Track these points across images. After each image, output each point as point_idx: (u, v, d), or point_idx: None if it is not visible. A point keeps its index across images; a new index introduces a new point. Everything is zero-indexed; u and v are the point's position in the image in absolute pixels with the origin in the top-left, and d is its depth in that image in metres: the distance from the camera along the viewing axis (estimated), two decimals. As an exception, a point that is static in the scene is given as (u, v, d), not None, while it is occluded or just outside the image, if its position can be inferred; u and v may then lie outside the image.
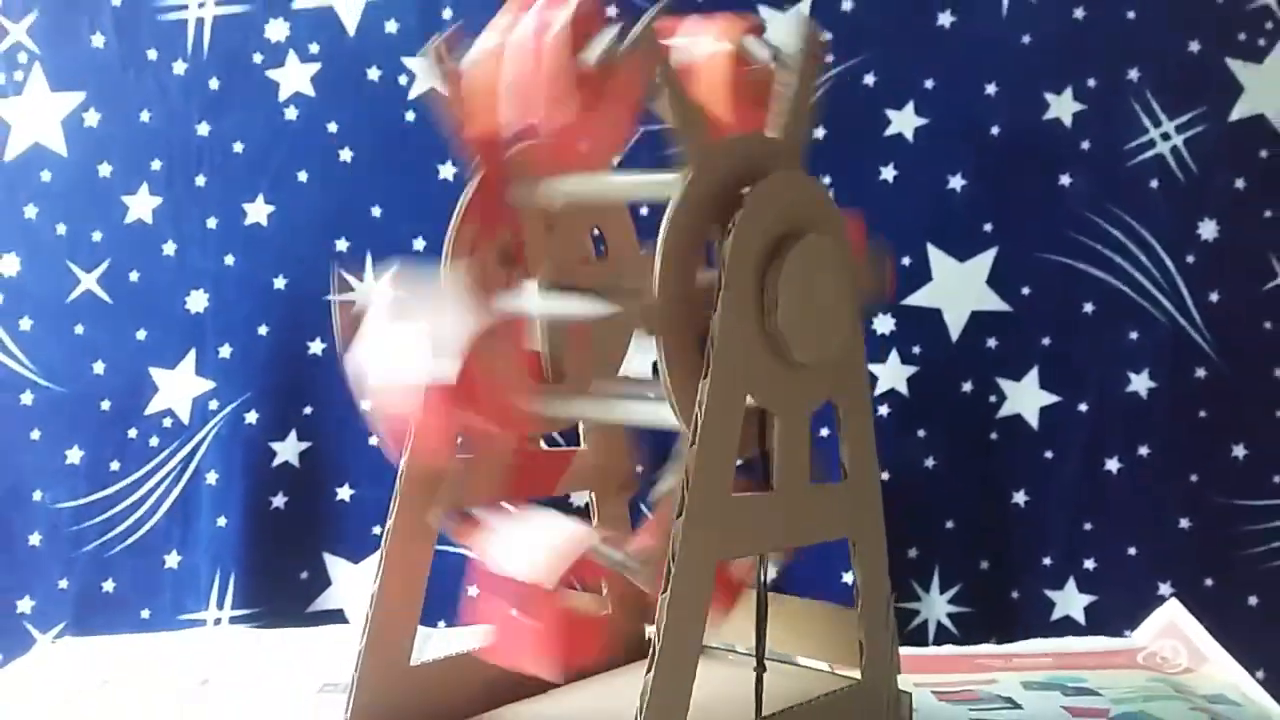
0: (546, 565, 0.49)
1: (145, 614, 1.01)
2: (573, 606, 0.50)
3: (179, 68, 1.01)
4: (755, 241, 0.50)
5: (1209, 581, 0.99)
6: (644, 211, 0.77)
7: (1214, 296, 1.00)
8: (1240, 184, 1.00)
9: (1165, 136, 1.00)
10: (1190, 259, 1.00)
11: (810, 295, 0.51)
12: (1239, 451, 1.00)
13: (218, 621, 1.00)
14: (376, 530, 1.01)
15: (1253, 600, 0.99)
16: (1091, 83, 1.00)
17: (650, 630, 0.47)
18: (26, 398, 1.01)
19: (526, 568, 0.50)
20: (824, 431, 0.64)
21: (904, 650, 0.74)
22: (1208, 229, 1.00)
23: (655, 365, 0.50)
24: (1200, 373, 1.00)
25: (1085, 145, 1.00)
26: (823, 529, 0.56)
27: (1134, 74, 1.00)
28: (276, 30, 1.01)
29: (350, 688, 0.55)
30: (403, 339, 0.51)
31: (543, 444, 0.68)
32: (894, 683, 0.60)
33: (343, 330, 0.54)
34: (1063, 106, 1.00)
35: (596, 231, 0.64)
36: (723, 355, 0.48)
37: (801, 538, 0.55)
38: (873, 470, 0.58)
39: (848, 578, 0.64)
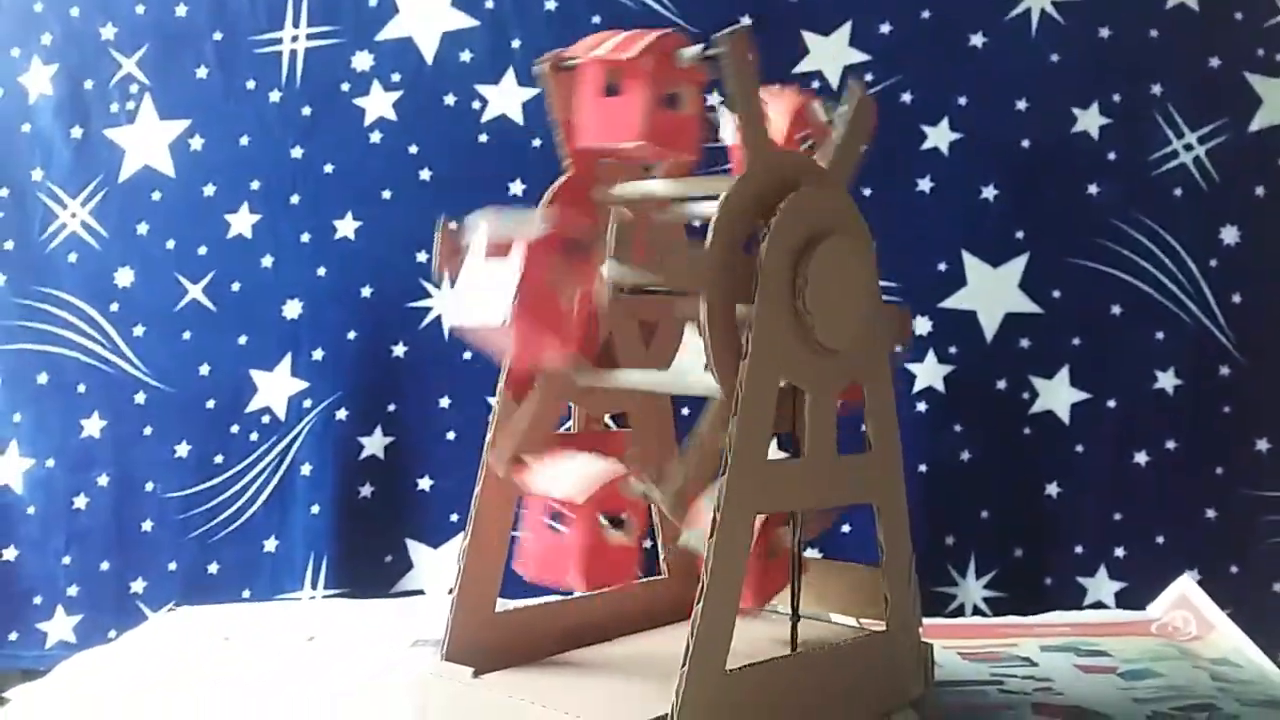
0: (578, 486, 0.57)
1: (246, 594, 1.09)
2: (601, 529, 0.58)
3: (274, 96, 1.10)
4: (790, 241, 0.58)
5: (1234, 569, 1.03)
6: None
7: (1236, 298, 1.04)
8: (1260, 191, 1.04)
9: (1188, 147, 1.04)
10: (1213, 263, 1.04)
11: (834, 288, 0.59)
12: (1262, 445, 1.04)
13: (312, 599, 1.07)
14: (454, 517, 1.08)
15: (1277, 586, 1.03)
16: (1117, 97, 1.04)
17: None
18: (140, 398, 1.10)
19: (561, 489, 0.57)
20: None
21: (934, 620, 0.80)
22: (1230, 234, 1.04)
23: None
24: (1224, 370, 1.04)
25: (1112, 156, 1.05)
26: (849, 493, 0.63)
27: (1157, 89, 1.04)
28: (362, 61, 1.09)
29: (446, 630, 0.63)
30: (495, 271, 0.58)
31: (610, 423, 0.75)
32: (916, 632, 0.67)
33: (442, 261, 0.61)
34: (1090, 120, 1.05)
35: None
36: (760, 340, 0.56)
37: (829, 500, 0.63)
38: (894, 442, 0.65)
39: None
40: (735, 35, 0.56)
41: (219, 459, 1.10)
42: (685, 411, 0.96)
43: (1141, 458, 1.04)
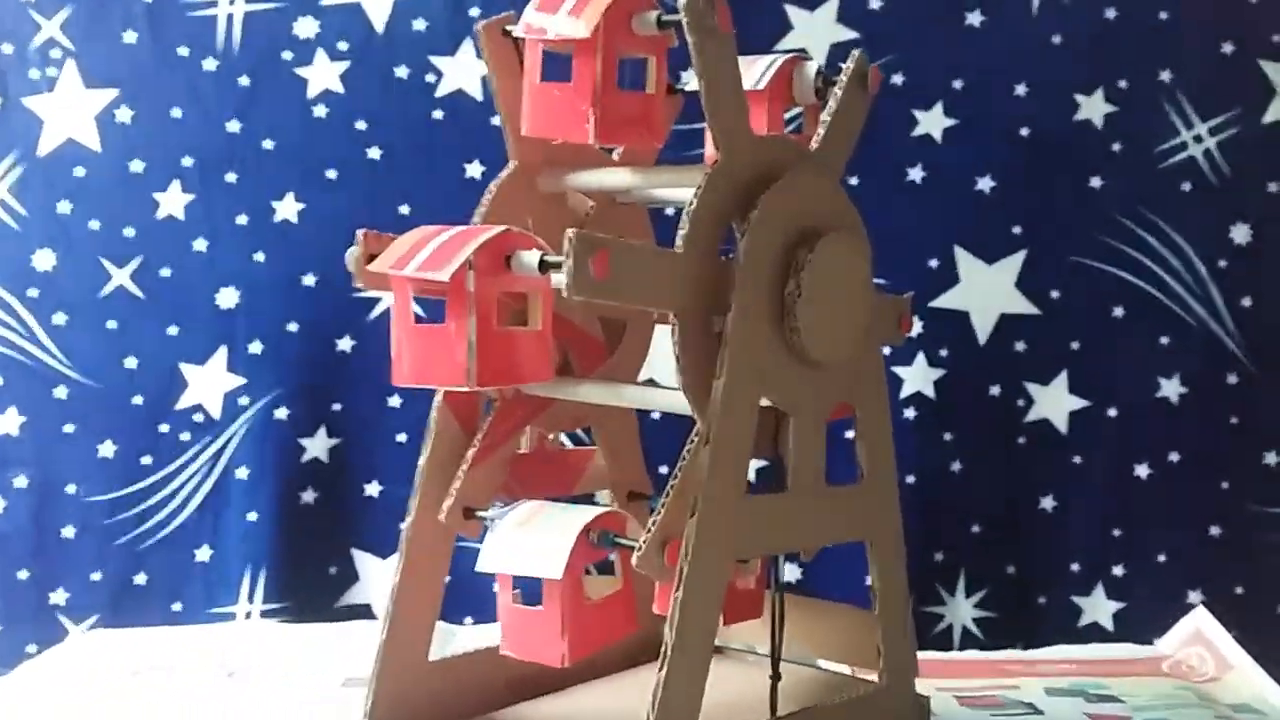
0: (550, 560, 0.50)
1: (177, 607, 1.02)
2: (584, 592, 0.50)
3: (210, 64, 1.02)
4: (773, 239, 0.50)
5: (1239, 589, 0.99)
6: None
7: (1246, 301, 0.99)
8: (1273, 187, 0.99)
9: (1198, 139, 0.99)
10: (1222, 263, 0.99)
11: (828, 293, 0.51)
12: (1271, 458, 0.99)
13: (248, 615, 1.01)
14: (404, 527, 1.01)
15: None
16: (1123, 84, 0.99)
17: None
18: (60, 392, 1.02)
19: (530, 565, 0.50)
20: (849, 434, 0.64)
21: (927, 655, 0.74)
22: (1240, 233, 0.99)
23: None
24: (1232, 378, 0.99)
25: (1116, 147, 0.99)
26: (838, 530, 0.56)
27: (1166, 75, 0.99)
28: (306, 27, 1.01)
29: (370, 683, 0.55)
30: None
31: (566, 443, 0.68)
32: (912, 687, 0.60)
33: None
34: (1093, 108, 0.99)
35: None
36: (738, 355, 0.49)
37: (816, 539, 0.55)
38: (890, 471, 0.58)
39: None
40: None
41: (147, 460, 1.03)
42: (655, 415, 0.90)
43: (1143, 470, 1.00)
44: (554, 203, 0.58)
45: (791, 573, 0.96)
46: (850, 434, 0.58)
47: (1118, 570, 0.99)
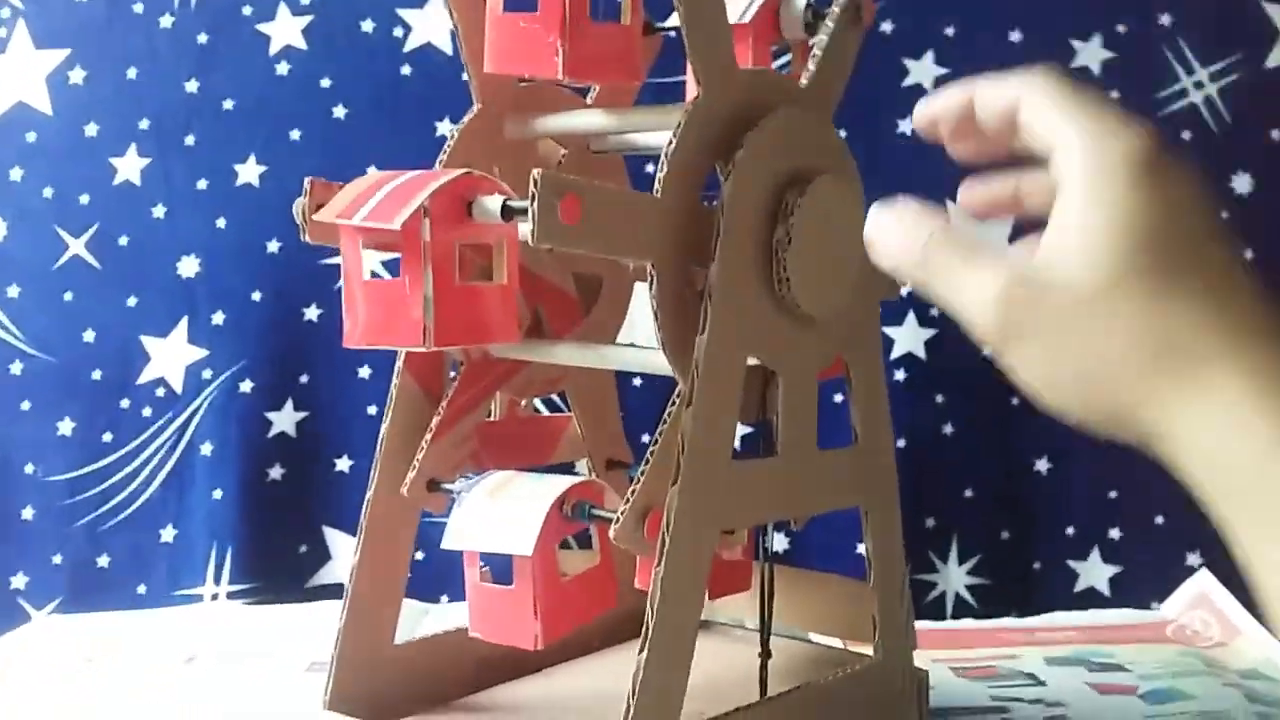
0: (520, 535, 0.46)
1: (141, 589, 0.99)
2: (558, 568, 0.47)
3: (166, 21, 0.98)
4: (759, 182, 0.46)
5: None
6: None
7: (1249, 253, 0.95)
8: (1277, 134, 0.96)
9: (1198, 85, 0.96)
10: (1225, 214, 0.95)
11: (820, 241, 0.47)
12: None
13: (214, 596, 0.97)
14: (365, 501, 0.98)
15: None
16: (1121, 29, 0.95)
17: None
18: (15, 368, 0.99)
19: (498, 540, 0.46)
20: (837, 398, 0.61)
21: (922, 624, 0.70)
22: (1242, 182, 0.96)
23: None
24: (1235, 334, 0.95)
25: (1115, 94, 0.95)
26: (832, 497, 0.52)
27: (1165, 19, 0.95)
28: (267, -19, 0.97)
29: (330, 668, 0.51)
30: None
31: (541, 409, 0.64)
32: (910, 660, 0.56)
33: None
34: (1091, 54, 0.95)
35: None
36: (722, 309, 0.45)
37: (808, 507, 0.51)
38: (886, 434, 0.54)
39: (863, 548, 0.61)
40: None
41: (108, 437, 0.99)
42: (636, 381, 0.86)
43: None
44: (523, 150, 0.54)
45: (779, 542, 0.93)
46: (839, 397, 0.55)
47: (1114, 533, 0.96)
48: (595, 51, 0.46)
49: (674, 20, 0.48)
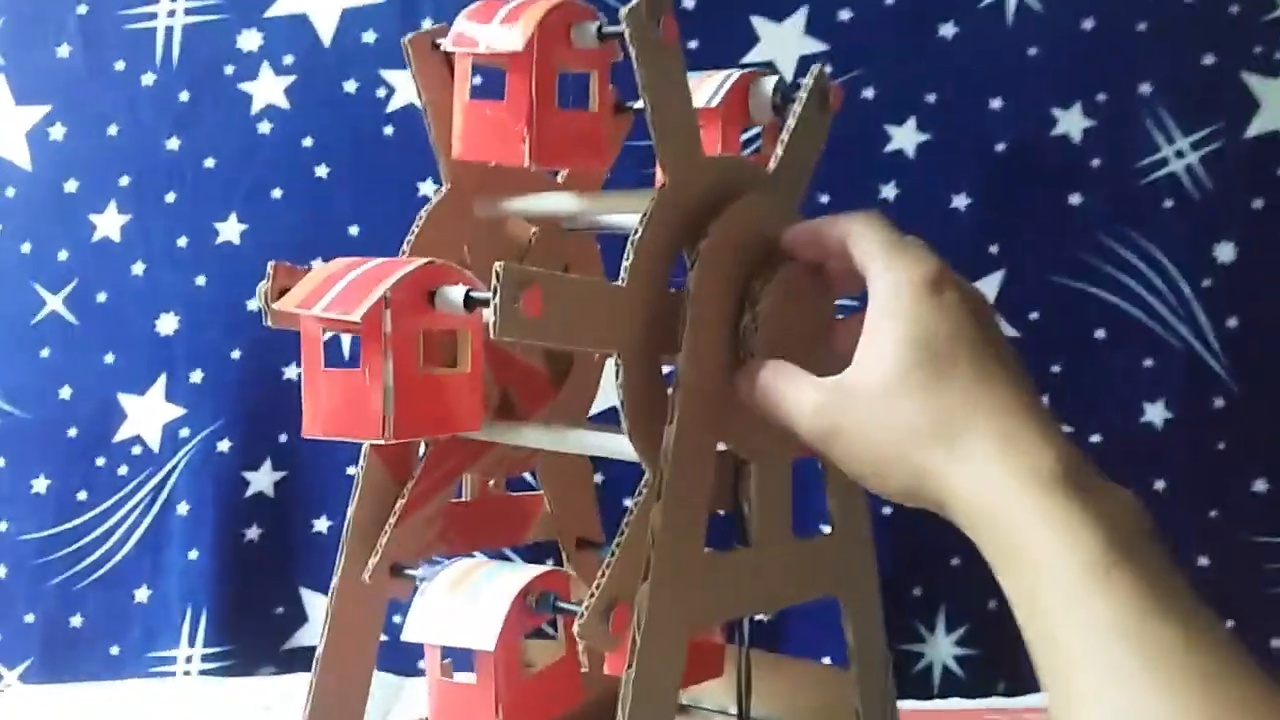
0: (482, 631, 0.45)
1: (114, 650, 0.97)
2: (522, 662, 0.46)
3: (147, 79, 0.98)
4: (725, 270, 0.46)
5: (1230, 623, 0.94)
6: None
7: (1232, 322, 0.95)
8: (1259, 204, 0.95)
9: (1179, 154, 0.95)
10: (1207, 282, 0.95)
11: (787, 327, 0.47)
12: (1260, 485, 0.95)
13: (189, 659, 0.96)
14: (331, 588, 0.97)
15: (1277, 642, 0.95)
16: (1101, 97, 0.95)
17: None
18: (-10, 424, 0.98)
19: (461, 635, 0.45)
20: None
21: (907, 704, 0.70)
22: (1225, 251, 0.95)
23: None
24: (1218, 402, 0.95)
25: (1096, 163, 0.95)
26: (807, 588, 0.52)
27: (1146, 88, 0.95)
28: (249, 40, 0.97)
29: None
30: None
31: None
32: (889, 751, 0.55)
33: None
34: (1071, 122, 0.95)
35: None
36: (690, 399, 0.44)
37: (783, 599, 0.51)
38: (864, 519, 0.53)
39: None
40: (642, 4, 0.44)
41: (82, 496, 0.98)
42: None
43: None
44: (492, 230, 0.54)
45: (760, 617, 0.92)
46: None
47: (1102, 602, 0.96)
48: (562, 138, 0.46)
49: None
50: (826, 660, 0.85)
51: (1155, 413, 0.95)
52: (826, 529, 0.53)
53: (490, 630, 0.44)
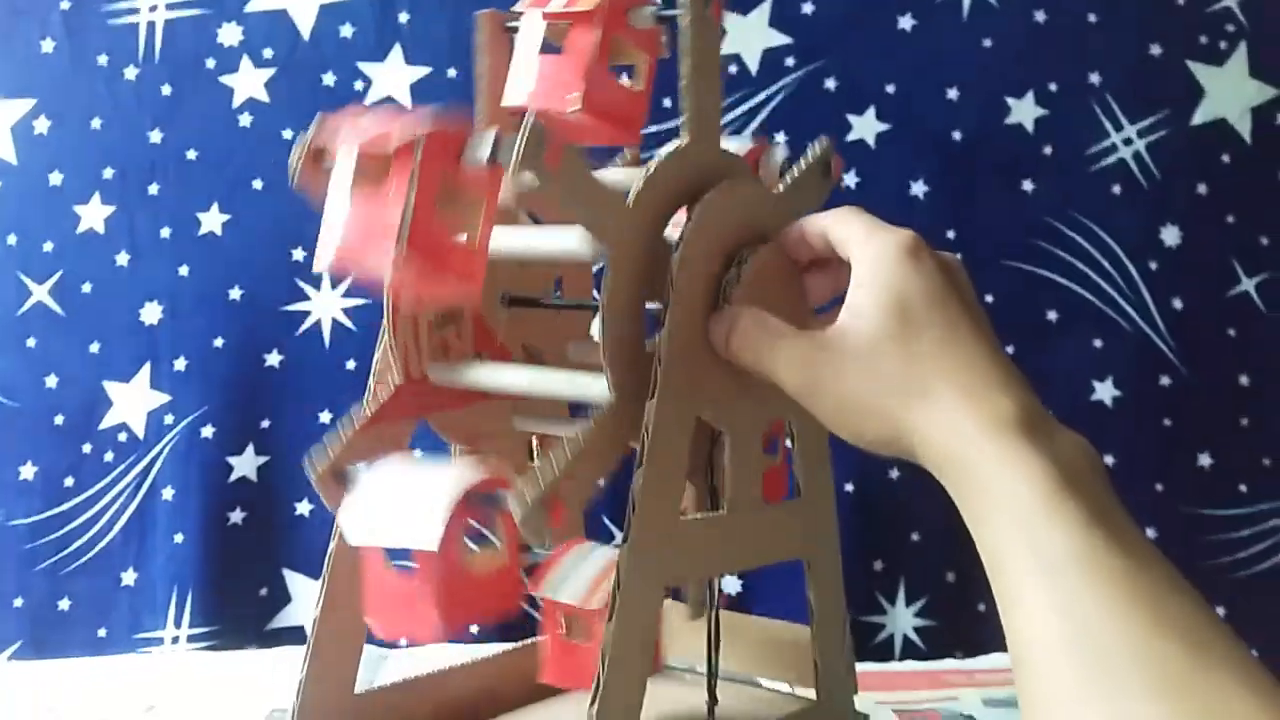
0: (422, 530, 0.46)
1: (102, 632, 0.99)
2: (458, 562, 0.48)
3: (130, 73, 0.99)
4: (705, 254, 0.49)
5: None
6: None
7: (1177, 303, 0.99)
8: (1203, 189, 0.99)
9: (1127, 141, 0.99)
10: (1153, 265, 0.99)
11: (766, 298, 0.50)
12: (1204, 460, 0.99)
13: (175, 640, 0.97)
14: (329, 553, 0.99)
15: (1220, 611, 0.97)
16: (1053, 87, 0.99)
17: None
18: (-22, 412, 0.99)
19: (400, 535, 0.47)
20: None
21: (867, 666, 0.73)
22: (1170, 234, 0.99)
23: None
24: (1165, 381, 0.99)
25: (1047, 150, 0.99)
26: (775, 550, 0.55)
27: (1095, 78, 0.99)
28: (229, 34, 0.99)
29: (292, 716, 0.53)
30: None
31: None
32: (851, 703, 0.59)
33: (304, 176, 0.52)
34: (1024, 111, 0.99)
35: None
36: (670, 373, 0.47)
37: (753, 560, 0.54)
38: (828, 488, 0.57)
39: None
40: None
41: (69, 482, 1.00)
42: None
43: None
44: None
45: (731, 585, 0.95)
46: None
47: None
48: (610, 100, 0.49)
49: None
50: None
51: (1104, 391, 0.99)
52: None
53: (433, 530, 0.46)
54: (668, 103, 0.62)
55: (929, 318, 0.42)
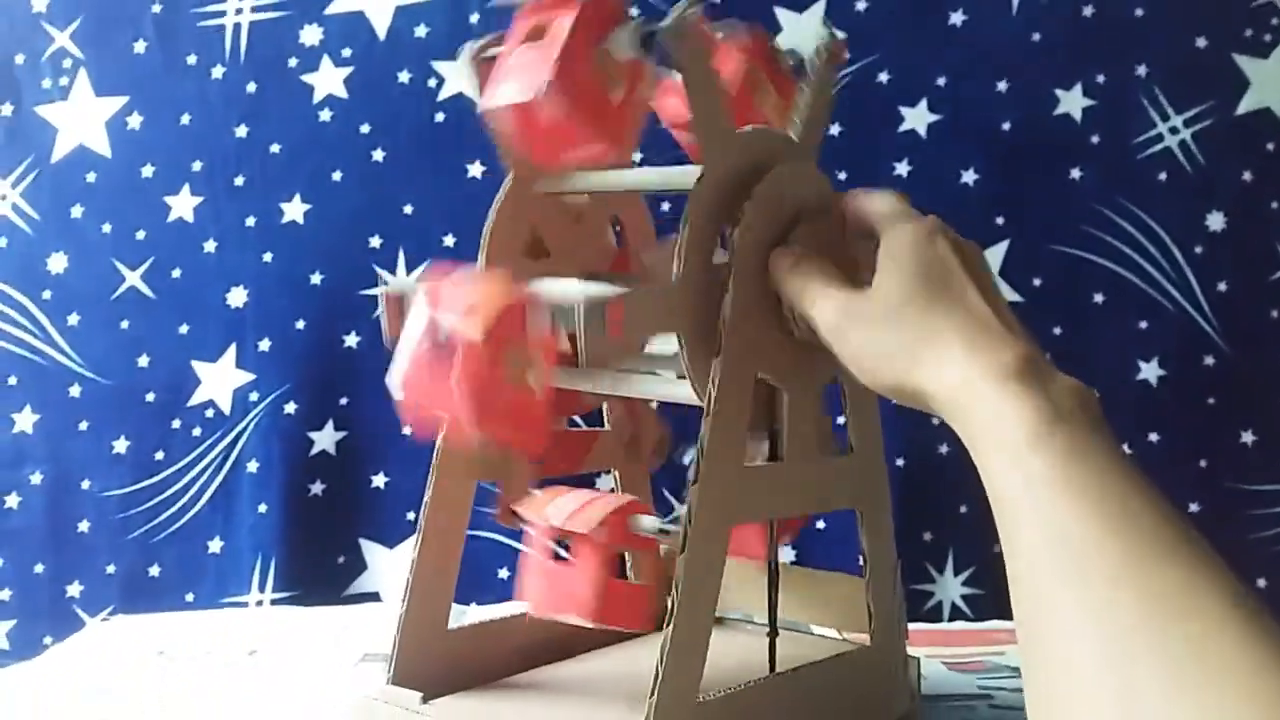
0: (585, 517, 0.52)
1: (190, 597, 1.05)
2: (613, 564, 0.53)
3: (217, 72, 1.04)
4: (764, 230, 0.53)
5: None
6: (665, 207, 0.80)
7: (1222, 286, 1.01)
8: (1247, 176, 1.01)
9: (1174, 130, 1.01)
10: (1198, 250, 1.01)
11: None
12: (1247, 437, 1.01)
13: (259, 604, 1.03)
14: (410, 516, 1.04)
15: (1261, 583, 1.01)
16: (1100, 79, 1.01)
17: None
18: (75, 390, 1.05)
19: (569, 519, 0.52)
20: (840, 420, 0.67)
21: (917, 625, 0.77)
22: (1215, 220, 1.01)
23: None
24: (1208, 360, 1.01)
25: (1095, 140, 1.02)
26: (830, 499, 0.59)
27: (1142, 70, 1.02)
28: (310, 35, 1.04)
29: (392, 650, 0.58)
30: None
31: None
32: (902, 647, 0.63)
33: (389, 323, 0.55)
34: (1072, 102, 1.01)
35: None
36: (734, 334, 0.52)
37: (810, 506, 0.58)
38: (878, 444, 0.61)
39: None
40: (685, 16, 0.51)
41: (159, 455, 1.05)
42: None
43: (1124, 450, 1.00)
44: (551, 200, 0.62)
45: (787, 554, 0.99)
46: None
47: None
48: (583, 91, 0.50)
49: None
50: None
51: (1150, 371, 1.02)
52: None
53: (594, 513, 0.52)
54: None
55: (943, 284, 0.48)
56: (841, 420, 0.61)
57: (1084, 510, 0.38)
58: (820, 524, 0.97)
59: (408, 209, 1.04)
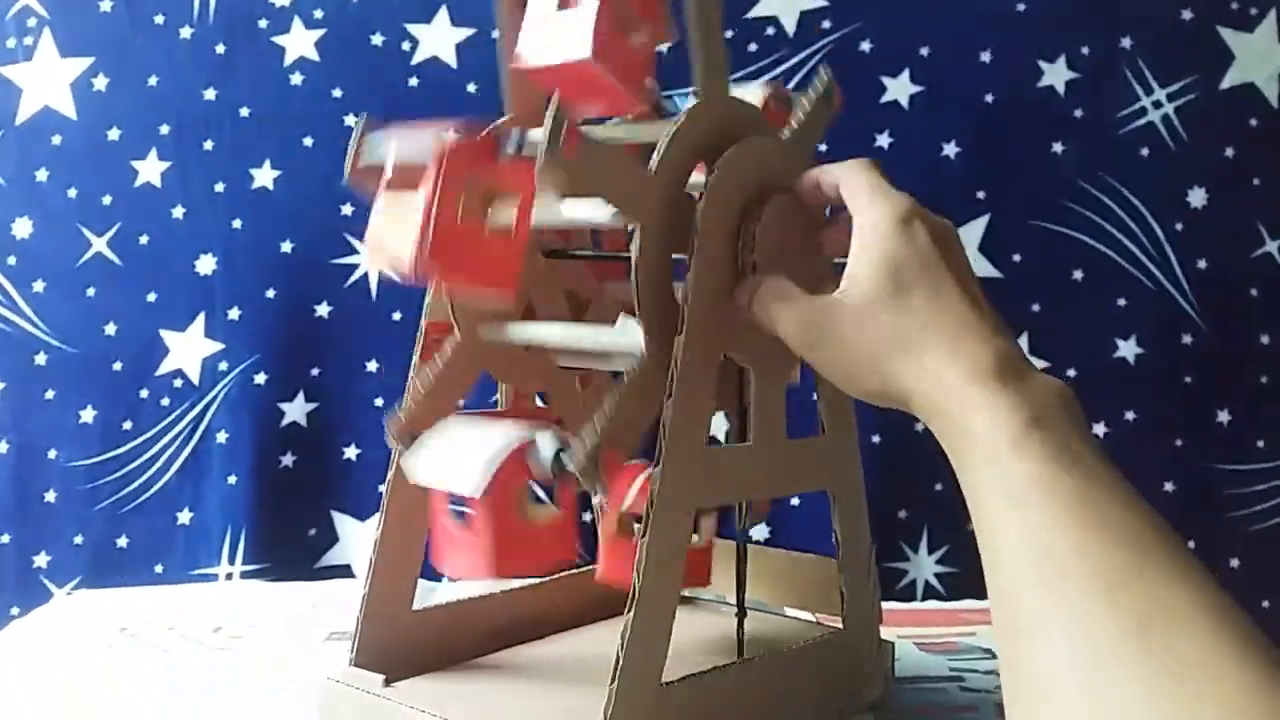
0: (471, 477, 0.51)
1: (159, 568, 1.03)
2: (514, 513, 0.52)
3: (185, 33, 1.02)
4: (728, 203, 0.52)
5: (1191, 544, 0.97)
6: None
7: (1202, 264, 1.01)
8: (1230, 152, 1.01)
9: (1157, 104, 1.01)
10: (1179, 226, 1.01)
11: (780, 252, 0.53)
12: (1223, 417, 1.01)
13: (229, 576, 1.02)
14: (382, 488, 1.02)
15: (1234, 563, 1.01)
16: (1085, 51, 1.00)
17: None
18: (40, 359, 1.03)
19: (453, 480, 0.51)
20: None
21: (890, 605, 0.76)
22: (1197, 196, 1.01)
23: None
24: (1187, 339, 1.01)
25: (1078, 113, 1.01)
26: (800, 481, 0.58)
27: (1127, 42, 1.00)
28: (282, -4, 1.01)
29: (355, 631, 0.57)
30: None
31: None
32: (875, 631, 0.62)
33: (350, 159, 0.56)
34: (1056, 74, 1.00)
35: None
36: (696, 315, 0.50)
37: (779, 489, 0.57)
38: (850, 425, 0.60)
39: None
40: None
41: (127, 425, 1.04)
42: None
43: (1100, 429, 1.01)
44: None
45: (759, 532, 0.98)
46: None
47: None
48: (616, 60, 0.51)
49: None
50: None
51: (1128, 349, 1.01)
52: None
53: (476, 480, 0.50)
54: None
55: (918, 280, 0.46)
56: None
57: (1066, 520, 0.37)
58: (794, 500, 0.96)
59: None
